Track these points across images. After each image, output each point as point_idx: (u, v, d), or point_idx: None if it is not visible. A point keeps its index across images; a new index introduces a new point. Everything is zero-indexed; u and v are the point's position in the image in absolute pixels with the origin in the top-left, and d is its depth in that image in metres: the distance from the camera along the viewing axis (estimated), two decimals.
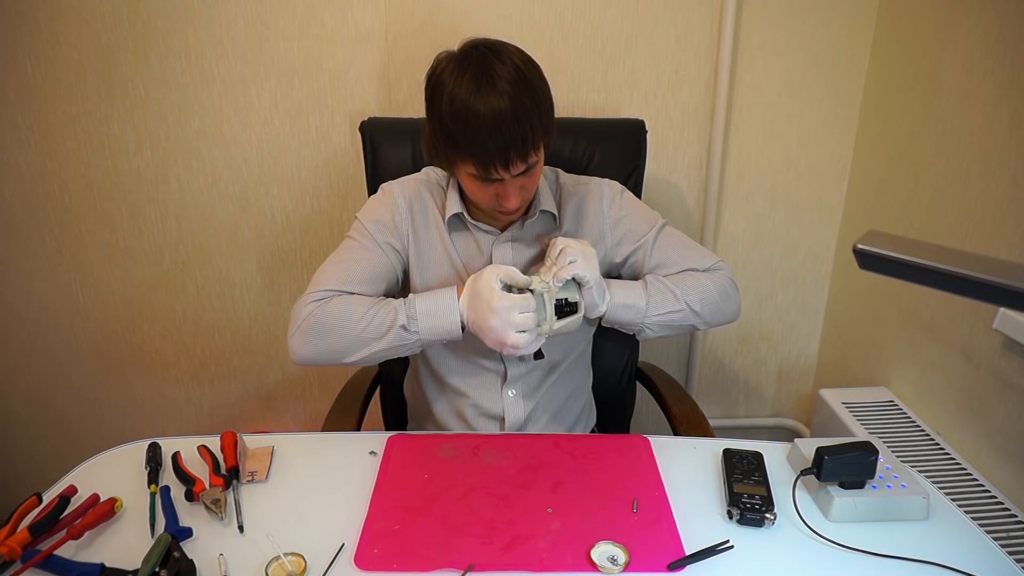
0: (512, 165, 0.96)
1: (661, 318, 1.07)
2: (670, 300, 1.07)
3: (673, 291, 1.08)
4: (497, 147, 0.94)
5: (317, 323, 1.01)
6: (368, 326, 1.01)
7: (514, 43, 1.00)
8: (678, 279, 1.10)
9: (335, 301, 1.03)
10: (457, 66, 0.96)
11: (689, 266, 1.13)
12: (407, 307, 1.01)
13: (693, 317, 1.09)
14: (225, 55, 1.55)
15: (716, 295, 1.10)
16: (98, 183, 1.64)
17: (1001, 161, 1.21)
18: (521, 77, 0.95)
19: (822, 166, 1.70)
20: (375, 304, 1.03)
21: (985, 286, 0.51)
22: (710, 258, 1.14)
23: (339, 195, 1.68)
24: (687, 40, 1.58)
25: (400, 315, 1.00)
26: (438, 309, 1.00)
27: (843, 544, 0.86)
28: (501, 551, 0.84)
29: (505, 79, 0.94)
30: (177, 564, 0.78)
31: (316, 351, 1.02)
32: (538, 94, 0.97)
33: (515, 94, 0.93)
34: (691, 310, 1.08)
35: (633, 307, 1.06)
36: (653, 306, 1.06)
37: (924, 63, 1.42)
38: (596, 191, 1.18)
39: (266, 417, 1.90)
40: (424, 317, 1.00)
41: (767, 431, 1.97)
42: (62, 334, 1.77)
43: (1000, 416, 1.23)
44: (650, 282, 1.09)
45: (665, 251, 1.14)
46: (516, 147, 0.95)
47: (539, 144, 0.99)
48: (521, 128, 0.94)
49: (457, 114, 0.94)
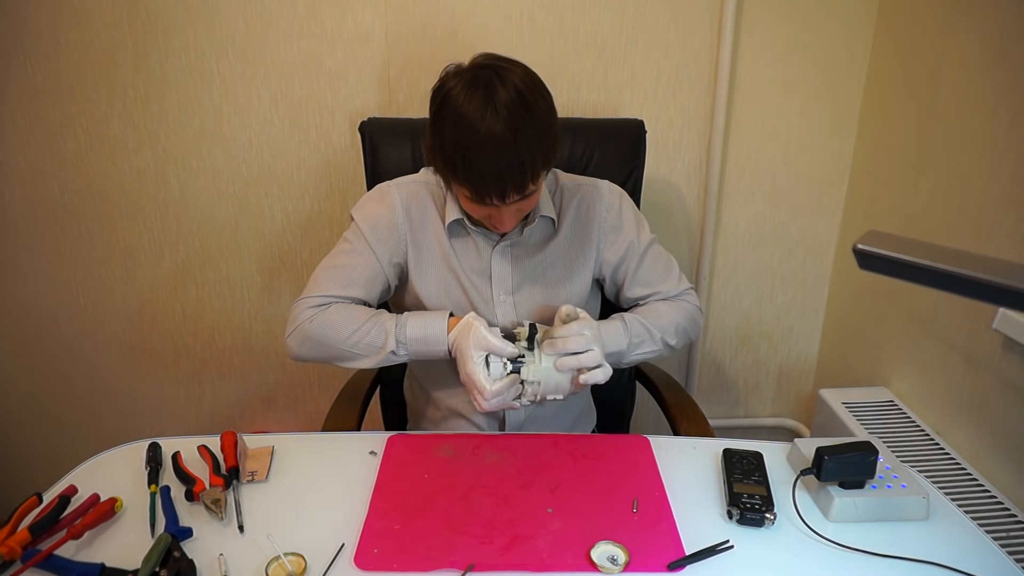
0: (508, 196, 0.96)
1: (638, 357, 1.12)
2: (648, 342, 1.11)
3: (651, 332, 1.11)
4: (494, 178, 0.93)
5: (312, 330, 1.05)
6: (359, 343, 1.04)
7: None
8: (652, 315, 1.13)
9: (332, 310, 1.06)
10: (465, 88, 0.93)
11: (664, 290, 1.17)
12: (398, 330, 1.03)
13: (666, 351, 1.15)
14: (225, 55, 1.55)
15: (686, 324, 1.16)
16: (98, 183, 1.64)
17: (1001, 161, 1.21)
18: (524, 107, 0.93)
19: (822, 166, 1.70)
20: (369, 320, 1.05)
21: (985, 286, 0.51)
22: (683, 284, 1.20)
23: (339, 195, 1.68)
24: (687, 40, 1.58)
25: (390, 340, 1.03)
26: (427, 337, 1.03)
27: (843, 544, 0.86)
28: (501, 551, 0.84)
29: (508, 108, 0.91)
30: (177, 564, 0.78)
31: (310, 355, 1.08)
32: (539, 125, 0.95)
33: (516, 126, 0.91)
34: (666, 346, 1.14)
35: (615, 354, 1.08)
36: (632, 347, 1.10)
37: (924, 63, 1.42)
38: (596, 193, 1.18)
39: (266, 417, 1.90)
40: (413, 343, 1.03)
41: (767, 431, 1.97)
42: (62, 334, 1.77)
43: (1000, 416, 1.23)
44: (629, 323, 1.10)
45: (648, 270, 1.18)
46: (513, 180, 0.94)
47: (538, 174, 0.97)
48: (520, 160, 0.92)
49: (458, 142, 0.93)
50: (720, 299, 1.82)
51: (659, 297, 1.17)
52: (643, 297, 1.18)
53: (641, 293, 1.17)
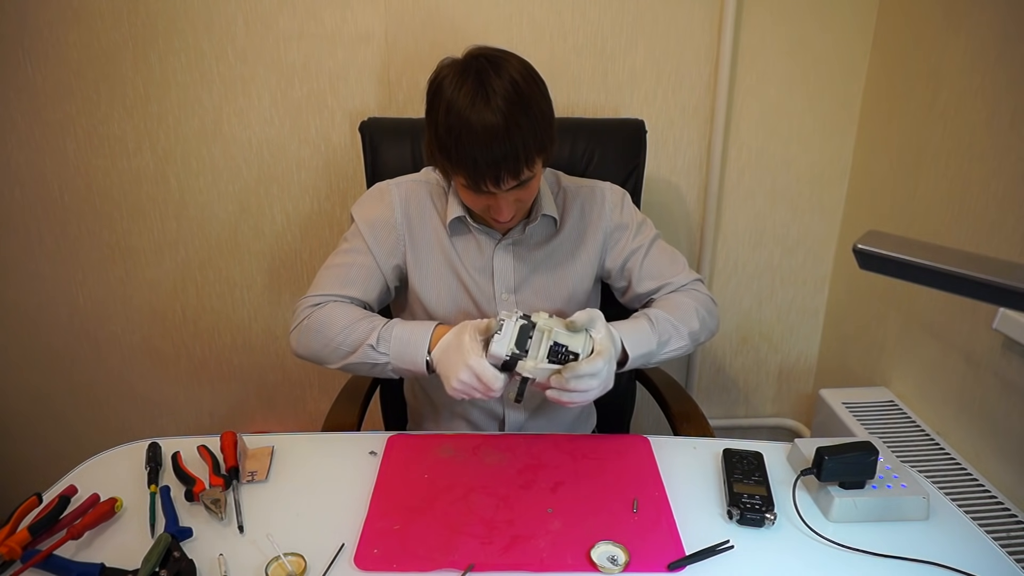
0: (503, 182, 0.96)
1: (667, 355, 1.08)
2: (675, 338, 1.07)
3: (676, 327, 1.07)
4: (488, 164, 0.93)
5: (308, 326, 1.06)
6: (346, 340, 1.03)
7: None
8: (672, 307, 1.10)
9: (327, 308, 1.06)
10: (456, 77, 0.94)
11: (673, 280, 1.15)
12: (384, 328, 1.02)
13: (691, 346, 1.11)
14: (225, 55, 1.55)
15: (705, 313, 1.12)
16: (98, 183, 1.64)
17: (1001, 161, 1.21)
18: (518, 93, 0.93)
19: (822, 166, 1.70)
20: (361, 319, 1.04)
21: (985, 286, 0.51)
22: (692, 274, 1.17)
23: (339, 195, 1.68)
24: (687, 40, 1.58)
25: (373, 336, 1.01)
26: (410, 339, 1.00)
27: (843, 544, 0.86)
28: (501, 551, 0.84)
29: (501, 95, 0.92)
30: (177, 564, 0.78)
31: (307, 352, 1.07)
32: (533, 110, 0.95)
33: (509, 111, 0.92)
34: (692, 339, 1.09)
35: (644, 356, 1.04)
36: (661, 346, 1.05)
37: (924, 63, 1.42)
38: (598, 195, 1.18)
39: (266, 417, 1.90)
40: (395, 342, 1.01)
41: (767, 431, 1.97)
42: (62, 334, 1.77)
43: (1000, 416, 1.23)
44: (655, 319, 1.06)
45: (655, 263, 1.16)
46: (507, 165, 0.94)
47: (533, 161, 0.97)
48: (513, 146, 0.93)
49: (451, 127, 0.93)
50: (720, 299, 1.82)
51: (670, 288, 1.15)
52: (654, 290, 1.15)
53: (652, 286, 1.15)
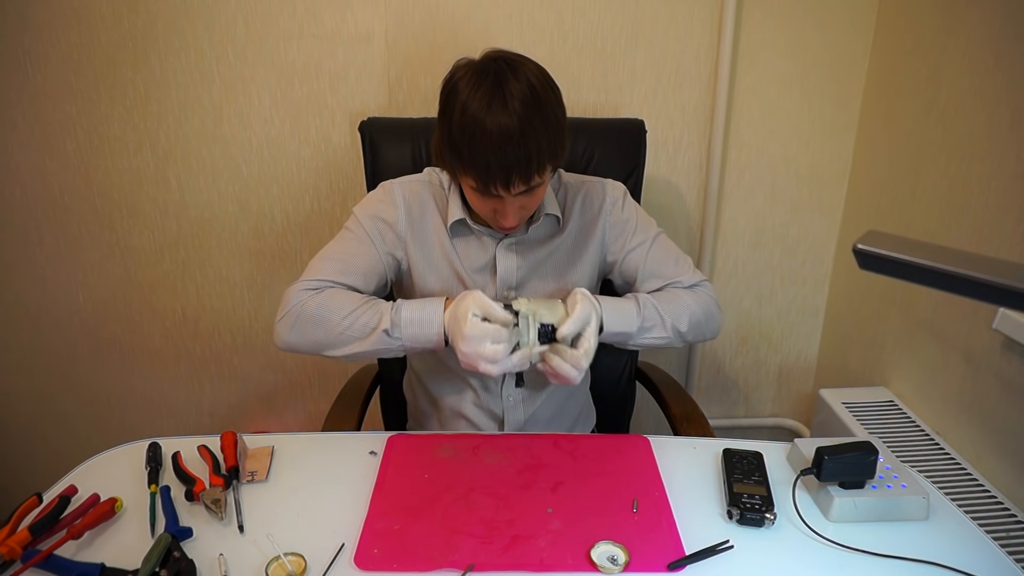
0: (513, 185, 0.95)
1: (646, 342, 1.08)
2: (658, 327, 1.07)
3: (663, 317, 1.07)
4: (500, 166, 0.93)
5: (304, 313, 1.01)
6: (353, 324, 1.00)
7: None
8: (667, 300, 1.09)
9: (326, 293, 1.03)
10: (474, 78, 0.94)
11: (677, 279, 1.13)
12: (393, 312, 1.00)
13: (676, 341, 1.10)
14: (225, 55, 1.55)
15: (701, 316, 1.11)
16: (98, 183, 1.64)
17: (1001, 161, 1.21)
18: (535, 97, 0.93)
19: (822, 166, 1.70)
20: (364, 303, 1.02)
21: (985, 286, 0.51)
22: (698, 275, 1.16)
23: (339, 195, 1.68)
24: (687, 40, 1.58)
25: (385, 319, 0.99)
26: (422, 319, 0.99)
27: (843, 544, 0.86)
28: (501, 551, 0.84)
29: (518, 98, 0.92)
30: (177, 564, 0.78)
31: (300, 340, 1.02)
32: (549, 116, 0.95)
33: (525, 114, 0.92)
34: (676, 335, 1.09)
35: (622, 335, 1.05)
36: (641, 331, 1.06)
37: (924, 63, 1.42)
38: (600, 192, 1.18)
39: (266, 417, 1.90)
40: (408, 325, 0.99)
41: (767, 431, 1.97)
42: (62, 334, 1.77)
43: (1000, 416, 1.23)
44: (643, 304, 1.06)
45: (659, 260, 1.15)
46: (519, 168, 0.94)
47: (544, 166, 0.97)
48: (527, 150, 0.93)
49: (465, 127, 0.93)
50: (720, 299, 1.80)
51: (676, 286, 1.14)
52: (658, 290, 1.14)
53: (656, 285, 1.14)
